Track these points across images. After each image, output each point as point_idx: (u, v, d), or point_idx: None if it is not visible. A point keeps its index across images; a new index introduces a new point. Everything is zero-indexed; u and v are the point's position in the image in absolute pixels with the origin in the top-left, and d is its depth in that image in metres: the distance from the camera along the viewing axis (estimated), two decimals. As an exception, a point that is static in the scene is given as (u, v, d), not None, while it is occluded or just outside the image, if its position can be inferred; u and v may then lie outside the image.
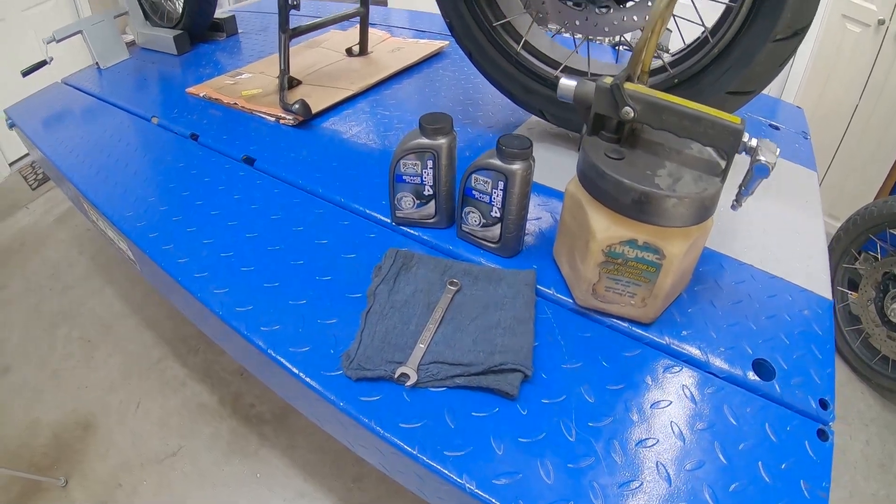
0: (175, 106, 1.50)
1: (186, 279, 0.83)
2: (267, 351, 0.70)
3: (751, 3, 0.83)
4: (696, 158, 0.67)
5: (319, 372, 0.66)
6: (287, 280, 0.80)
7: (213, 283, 0.81)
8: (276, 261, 0.84)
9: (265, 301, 0.77)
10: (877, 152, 2.32)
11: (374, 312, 0.71)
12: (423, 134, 0.74)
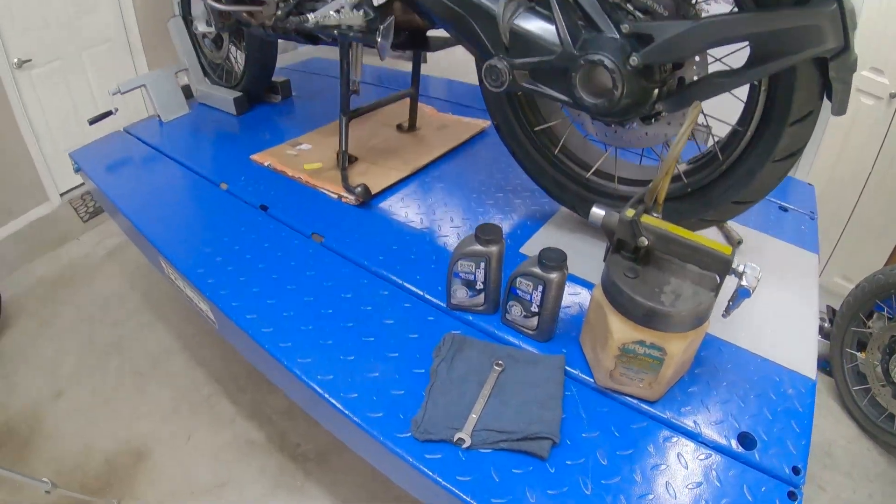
0: (242, 173, 1.69)
1: (273, 347, 1.02)
2: (348, 415, 0.89)
3: (755, 129, 1.02)
4: (697, 273, 0.86)
5: (393, 434, 0.85)
6: (361, 354, 0.99)
7: (297, 353, 1.00)
8: (350, 336, 1.03)
9: (343, 371, 0.96)
10: (888, 220, 2.48)
11: (436, 388, 0.90)
12: (478, 242, 0.95)
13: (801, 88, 0.93)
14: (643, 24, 0.91)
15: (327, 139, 1.84)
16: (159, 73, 2.35)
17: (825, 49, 0.84)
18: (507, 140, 1.33)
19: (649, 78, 0.95)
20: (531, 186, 1.41)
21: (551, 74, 1.00)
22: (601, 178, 1.24)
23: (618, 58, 0.92)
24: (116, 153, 2.07)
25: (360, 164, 1.64)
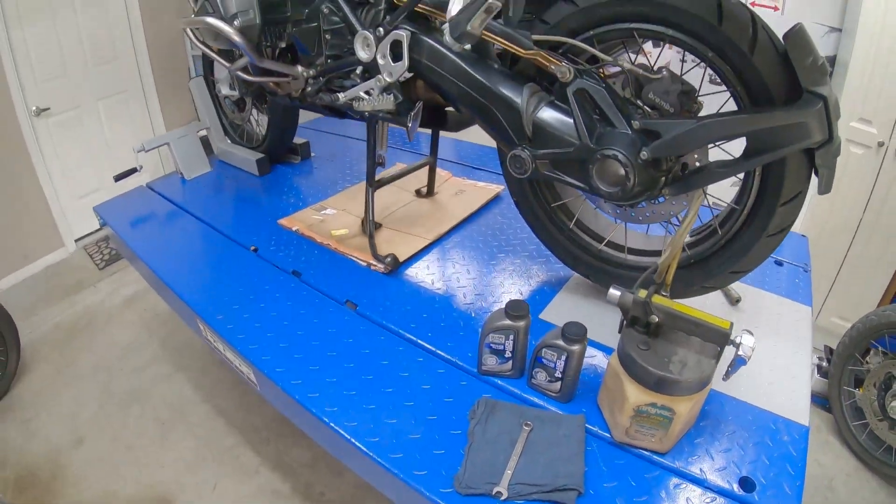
0: (271, 237, 1.82)
1: (320, 411, 1.14)
2: (396, 473, 1.01)
3: (750, 207, 1.17)
4: (700, 344, 0.99)
5: (437, 489, 0.97)
6: (402, 417, 1.12)
7: (343, 416, 1.12)
8: (391, 401, 1.16)
9: (388, 433, 1.09)
10: (879, 263, 2.64)
11: (474, 447, 1.03)
12: (508, 317, 1.08)
13: (790, 174, 1.07)
14: (652, 122, 1.06)
15: (350, 204, 1.97)
16: (183, 132, 2.48)
17: (812, 141, 0.98)
18: (526, 216, 1.47)
19: (657, 168, 1.10)
20: (546, 252, 1.54)
21: (570, 165, 1.15)
22: (612, 248, 1.39)
23: (630, 152, 1.06)
24: (141, 209, 2.19)
25: (385, 231, 1.78)
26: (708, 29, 1.00)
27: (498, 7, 1.04)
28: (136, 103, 4.15)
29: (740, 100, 1.06)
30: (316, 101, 1.62)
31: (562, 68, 1.09)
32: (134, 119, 4.17)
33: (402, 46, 1.27)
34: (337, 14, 1.46)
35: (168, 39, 4.15)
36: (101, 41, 3.81)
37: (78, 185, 3.93)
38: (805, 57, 0.95)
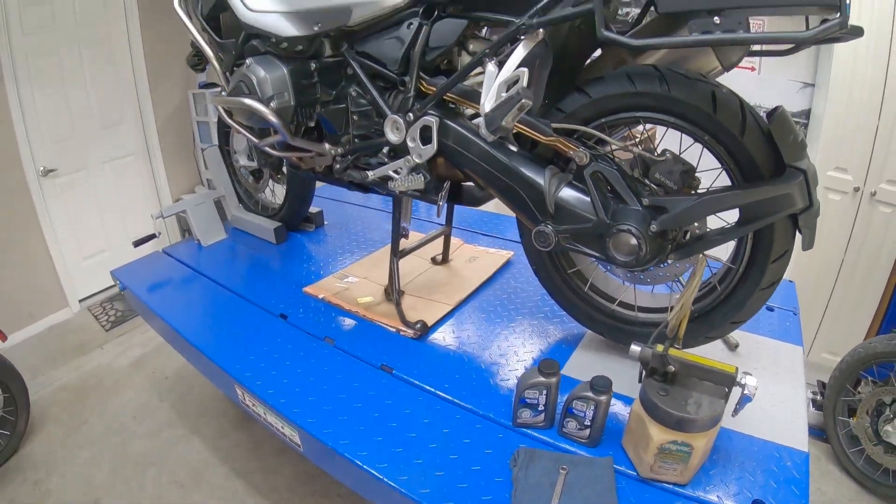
0: (298, 305, 1.94)
1: (373, 466, 1.25)
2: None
3: (744, 266, 1.34)
4: (711, 387, 1.15)
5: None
6: (449, 469, 1.25)
7: (395, 471, 1.24)
8: (437, 454, 1.29)
9: (437, 484, 1.21)
10: (863, 298, 2.85)
11: (518, 492, 1.16)
12: (541, 374, 1.23)
13: (778, 236, 1.25)
14: (659, 199, 1.24)
15: (371, 272, 2.11)
16: (199, 199, 2.60)
17: (796, 208, 1.16)
18: (545, 283, 1.63)
19: (665, 238, 1.27)
20: (559, 313, 1.70)
21: (588, 237, 1.32)
22: (623, 307, 1.54)
23: (641, 226, 1.23)
24: (162, 274, 2.30)
25: (408, 298, 1.90)
26: (704, 117, 1.19)
27: (530, 105, 1.20)
28: (142, 166, 4.31)
29: (733, 175, 1.24)
30: (343, 178, 1.77)
31: (579, 153, 1.27)
32: (139, 182, 4.32)
33: (432, 131, 1.44)
34: (364, 97, 1.63)
35: (173, 106, 4.36)
36: (109, 105, 3.99)
37: (83, 246, 4.05)
38: (787, 136, 1.14)
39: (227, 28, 1.87)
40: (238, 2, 1.68)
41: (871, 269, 2.82)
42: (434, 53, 1.44)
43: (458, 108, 1.50)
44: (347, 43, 1.62)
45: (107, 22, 3.89)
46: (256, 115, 1.67)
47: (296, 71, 1.66)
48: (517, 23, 1.22)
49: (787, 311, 1.85)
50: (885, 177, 2.68)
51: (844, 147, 2.70)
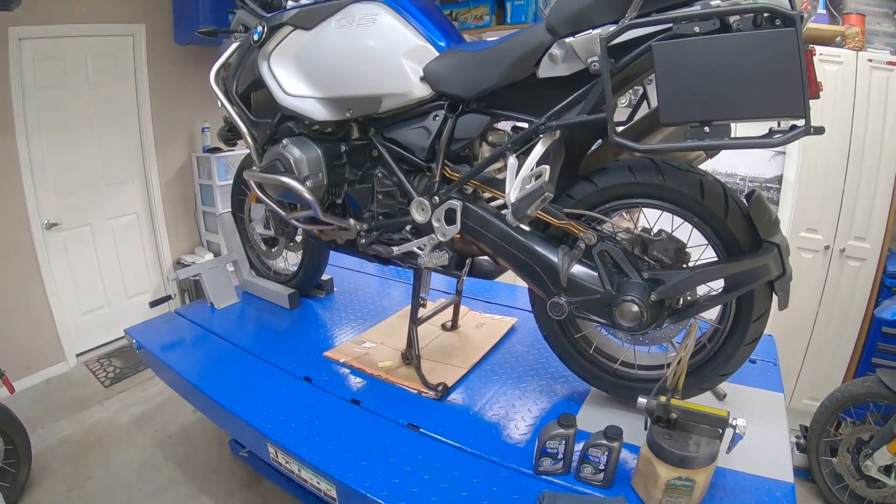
0: (320, 368, 2.08)
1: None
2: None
3: (730, 326, 1.56)
4: (707, 429, 1.36)
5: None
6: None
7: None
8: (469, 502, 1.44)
9: (471, 528, 1.39)
10: (838, 346, 3.11)
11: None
12: (561, 426, 1.43)
13: (758, 299, 1.49)
14: (657, 273, 1.48)
15: (386, 337, 2.27)
16: (213, 264, 2.75)
17: (772, 276, 1.40)
18: (555, 347, 1.81)
19: (662, 305, 1.49)
20: (563, 372, 1.89)
21: (597, 307, 1.53)
22: (624, 366, 1.74)
23: (642, 296, 1.46)
24: (177, 335, 2.43)
25: (426, 362, 2.01)
26: (694, 202, 1.44)
27: (552, 197, 1.42)
28: (144, 226, 4.48)
29: (718, 249, 1.49)
30: (368, 251, 1.95)
31: (588, 235, 1.51)
32: (141, 241, 4.48)
33: (457, 213, 1.65)
34: (389, 178, 1.84)
35: (177, 168, 4.57)
36: (115, 163, 4.19)
37: (82, 301, 4.16)
38: (762, 216, 1.41)
39: (259, 106, 2.07)
40: (276, 86, 1.89)
41: (844, 319, 3.10)
42: (458, 144, 1.67)
43: (478, 192, 1.73)
44: (374, 128, 1.85)
45: (117, 82, 4.12)
46: (292, 192, 1.87)
47: (328, 152, 1.88)
48: (536, 123, 1.47)
49: (768, 362, 2.08)
50: (852, 234, 2.99)
51: (814, 209, 3.00)
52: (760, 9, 1.10)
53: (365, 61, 1.73)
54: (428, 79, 1.66)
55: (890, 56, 2.86)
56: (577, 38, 1.35)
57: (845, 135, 2.88)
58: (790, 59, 1.07)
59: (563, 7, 1.38)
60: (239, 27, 2.18)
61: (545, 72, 1.43)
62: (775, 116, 1.18)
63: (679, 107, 1.19)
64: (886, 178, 2.91)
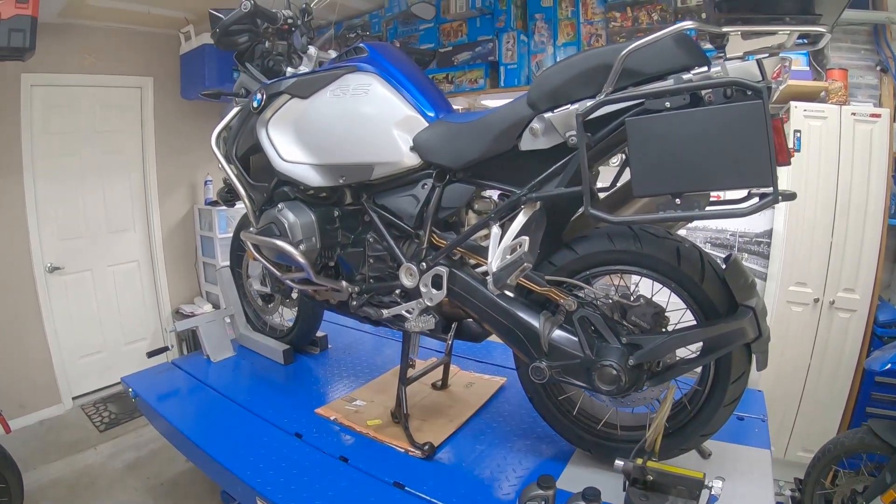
0: (311, 425, 2.10)
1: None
2: None
3: (709, 388, 1.61)
4: (685, 490, 1.39)
5: None
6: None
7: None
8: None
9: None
10: (831, 399, 3.13)
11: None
12: (540, 487, 1.47)
13: (736, 361, 1.54)
14: (635, 338, 1.54)
15: (377, 396, 2.31)
16: (211, 317, 2.82)
17: (748, 339, 1.46)
18: (539, 408, 1.84)
19: (641, 369, 1.55)
20: (549, 433, 1.92)
21: (577, 371, 1.59)
22: (607, 427, 1.79)
23: (621, 361, 1.52)
24: (173, 385, 2.48)
25: (414, 420, 2.03)
26: (671, 268, 1.51)
27: (530, 268, 1.49)
28: (145, 274, 4.60)
29: (695, 313, 1.55)
30: (359, 312, 2.01)
31: (568, 301, 1.57)
32: (141, 288, 4.59)
33: (443, 279, 1.73)
34: (380, 243, 1.92)
35: (179, 218, 4.72)
36: (119, 211, 4.34)
37: (81, 345, 4.25)
38: (738, 279, 1.47)
39: (257, 169, 2.16)
40: (273, 152, 1.97)
41: (835, 371, 3.13)
42: (445, 212, 1.76)
43: (464, 259, 1.80)
44: (366, 194, 1.94)
45: (124, 132, 4.30)
46: (286, 255, 1.94)
47: (322, 217, 1.96)
48: (518, 194, 1.56)
49: (757, 418, 2.11)
50: (841, 286, 3.04)
51: (803, 263, 3.07)
52: (729, 83, 1.18)
53: (358, 131, 1.82)
54: (417, 148, 1.75)
55: (873, 108, 2.98)
56: (556, 114, 1.45)
57: (831, 188, 2.97)
58: (757, 129, 1.14)
59: (543, 83, 1.48)
60: (241, 90, 2.28)
61: (526, 145, 1.52)
62: (744, 186, 1.25)
63: (650, 179, 1.27)
64: (873, 228, 2.99)
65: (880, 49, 3.07)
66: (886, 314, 3.10)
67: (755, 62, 1.25)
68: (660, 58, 1.32)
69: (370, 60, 1.86)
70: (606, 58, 1.34)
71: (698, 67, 1.29)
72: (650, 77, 1.33)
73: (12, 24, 2.94)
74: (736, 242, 3.25)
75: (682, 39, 1.31)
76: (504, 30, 3.71)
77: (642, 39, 1.27)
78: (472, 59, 3.83)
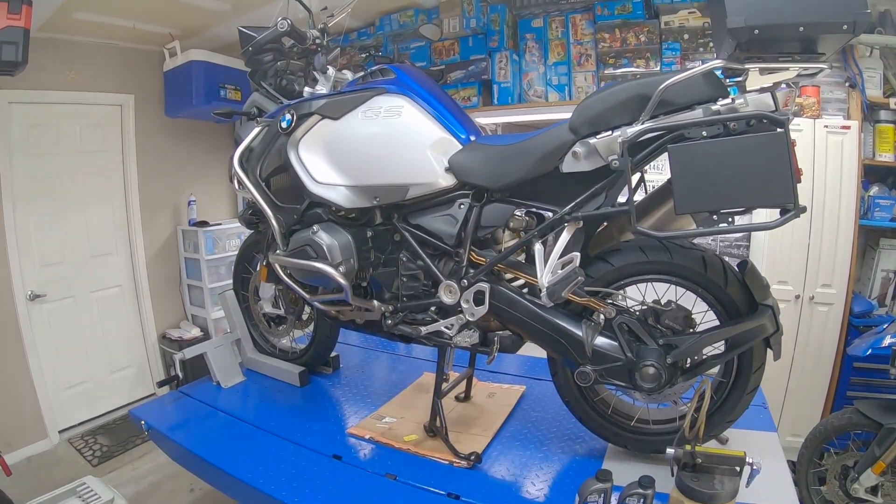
0: (348, 445, 2.12)
1: None
2: None
3: (733, 379, 1.81)
4: (728, 468, 1.57)
5: None
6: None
7: None
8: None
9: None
10: (814, 386, 3.44)
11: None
12: (599, 481, 1.62)
13: (756, 353, 1.74)
14: (670, 339, 1.72)
15: (405, 412, 2.36)
16: (219, 342, 2.82)
17: (768, 333, 1.67)
18: (576, 412, 1.98)
19: (676, 367, 1.73)
20: (579, 433, 2.08)
21: (620, 372, 1.75)
22: (639, 422, 1.95)
23: (659, 360, 1.69)
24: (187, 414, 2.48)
25: (450, 433, 2.07)
26: (699, 275, 1.70)
27: (583, 281, 1.66)
28: (129, 299, 4.56)
29: (720, 313, 1.75)
30: (394, 331, 2.10)
31: (608, 309, 1.74)
32: (125, 314, 4.54)
33: (485, 295, 1.85)
34: (413, 262, 2.01)
35: (162, 242, 4.70)
36: (101, 235, 4.29)
37: (66, 376, 4.16)
38: (756, 282, 1.68)
39: (278, 191, 2.21)
40: (305, 174, 2.04)
41: (817, 360, 3.45)
42: (484, 231, 1.89)
43: (500, 274, 1.93)
44: (397, 213, 2.03)
45: (105, 152, 4.27)
46: (321, 276, 2.03)
47: (356, 238, 2.05)
48: (562, 212, 1.71)
49: (759, 406, 2.32)
50: (819, 282, 3.37)
51: (784, 262, 3.37)
52: (757, 115, 1.40)
53: (393, 152, 1.92)
54: (453, 169, 1.87)
55: (843, 121, 3.32)
56: (600, 140, 1.61)
57: (807, 193, 3.26)
58: (781, 155, 1.36)
59: (585, 111, 1.64)
60: (252, 109, 2.34)
61: (568, 167, 1.68)
62: (771, 204, 1.46)
63: (692, 198, 1.45)
64: (846, 229, 3.32)
65: (848, 66, 3.39)
66: (860, 305, 3.43)
67: (769, 94, 1.46)
68: (690, 90, 1.52)
69: (398, 82, 1.96)
70: (645, 89, 1.54)
71: (721, 99, 1.50)
72: (681, 107, 1.53)
73: (4, 37, 2.81)
74: (717, 247, 3.49)
75: (709, 75, 1.52)
76: (497, 49, 3.92)
77: (678, 75, 1.48)
78: (465, 77, 4.03)
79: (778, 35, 1.40)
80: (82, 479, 2.56)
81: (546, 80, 3.91)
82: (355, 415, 2.41)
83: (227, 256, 4.74)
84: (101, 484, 2.63)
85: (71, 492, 2.55)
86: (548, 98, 3.95)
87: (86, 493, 2.55)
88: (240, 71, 4.12)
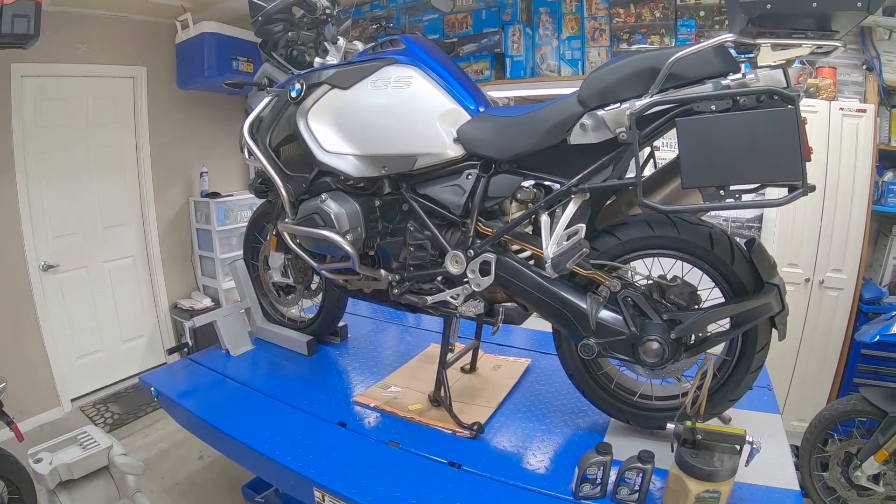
0: (353, 413, 2.16)
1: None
2: None
3: (737, 357, 1.81)
4: (728, 446, 1.58)
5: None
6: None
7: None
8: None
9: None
10: (820, 371, 3.41)
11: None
12: (599, 454, 1.64)
13: (761, 332, 1.74)
14: (675, 314, 1.72)
15: (411, 382, 2.39)
16: (228, 311, 2.86)
17: (774, 312, 1.66)
18: (579, 384, 2.01)
19: (680, 342, 1.73)
20: (582, 407, 2.10)
21: (622, 347, 1.76)
22: (642, 398, 1.96)
23: (663, 336, 1.70)
24: (198, 382, 2.52)
25: (453, 403, 2.11)
26: (705, 251, 1.69)
27: (588, 252, 1.67)
28: (141, 269, 4.61)
29: (726, 291, 1.75)
30: (400, 301, 2.12)
31: (613, 283, 1.75)
32: (137, 284, 4.60)
33: (491, 265, 1.86)
34: (421, 232, 2.03)
35: (175, 212, 4.74)
36: (113, 206, 4.33)
37: (78, 345, 4.23)
38: (763, 261, 1.68)
39: (288, 160, 2.22)
40: (314, 143, 2.04)
41: (825, 345, 3.43)
42: (491, 202, 1.89)
43: (507, 245, 1.93)
44: (405, 183, 2.04)
45: (117, 124, 4.29)
46: (328, 244, 2.04)
47: (364, 207, 2.06)
48: (568, 184, 1.71)
49: (763, 388, 2.32)
50: (830, 266, 3.34)
51: (794, 245, 3.34)
52: (768, 91, 1.38)
53: (401, 122, 1.92)
54: (462, 140, 1.87)
55: (859, 104, 3.27)
56: (608, 111, 1.60)
57: (820, 176, 3.23)
58: (790, 131, 1.34)
59: (594, 83, 1.63)
60: (263, 80, 2.35)
61: (576, 139, 1.67)
62: (778, 180, 1.44)
63: (699, 173, 1.44)
64: (859, 213, 3.28)
65: (866, 49, 3.33)
66: (871, 292, 3.41)
67: (781, 70, 1.45)
68: (701, 64, 1.51)
69: (408, 53, 1.95)
70: (655, 62, 1.52)
71: (732, 74, 1.48)
72: (691, 81, 1.51)
73: (16, 10, 2.86)
74: (729, 227, 3.47)
75: (720, 49, 1.50)
76: (510, 23, 3.89)
77: (689, 48, 1.47)
78: (478, 50, 4.00)
79: (791, 10, 1.36)
80: (83, 428, 2.65)
81: (559, 55, 3.87)
82: (361, 384, 2.45)
83: (238, 227, 4.77)
84: (100, 432, 2.71)
85: (72, 439, 2.64)
86: (560, 72, 3.93)
87: (86, 440, 2.64)
88: (252, 43, 4.13)
